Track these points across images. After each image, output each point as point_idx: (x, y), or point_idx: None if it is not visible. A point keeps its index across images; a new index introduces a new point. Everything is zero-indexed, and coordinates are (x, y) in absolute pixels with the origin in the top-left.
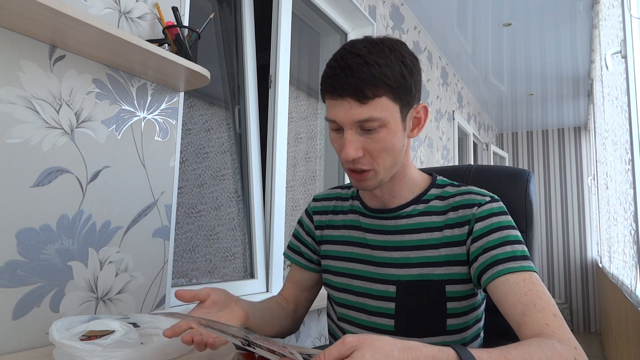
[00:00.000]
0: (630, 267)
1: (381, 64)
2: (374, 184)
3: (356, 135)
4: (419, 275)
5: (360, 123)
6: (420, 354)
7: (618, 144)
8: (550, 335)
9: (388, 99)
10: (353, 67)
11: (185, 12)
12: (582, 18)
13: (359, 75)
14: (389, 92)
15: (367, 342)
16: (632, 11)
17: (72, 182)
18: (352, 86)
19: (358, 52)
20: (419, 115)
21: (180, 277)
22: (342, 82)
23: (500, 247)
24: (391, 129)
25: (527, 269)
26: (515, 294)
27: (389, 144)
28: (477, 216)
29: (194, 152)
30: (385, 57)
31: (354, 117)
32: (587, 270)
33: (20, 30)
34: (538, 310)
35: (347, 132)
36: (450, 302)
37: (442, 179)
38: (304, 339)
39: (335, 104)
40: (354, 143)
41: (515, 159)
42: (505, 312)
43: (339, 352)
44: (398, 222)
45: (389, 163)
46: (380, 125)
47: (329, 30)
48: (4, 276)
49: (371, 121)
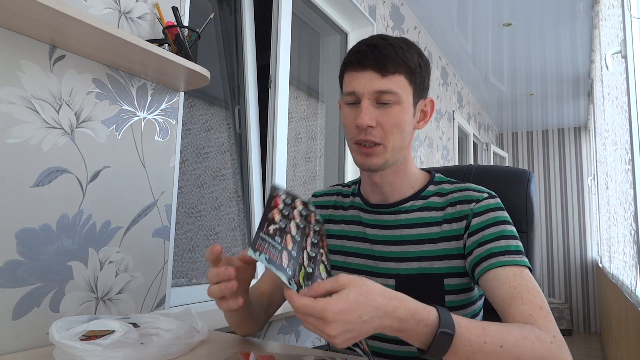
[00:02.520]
0: (630, 267)
1: (404, 49)
2: (380, 162)
3: (372, 107)
4: (418, 269)
5: (378, 94)
6: (403, 305)
7: (618, 144)
8: (533, 324)
9: (405, 79)
10: (379, 45)
11: (185, 12)
12: (582, 18)
13: (384, 52)
14: (407, 73)
15: (357, 284)
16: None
17: (72, 182)
18: (376, 59)
19: (384, 37)
20: (426, 108)
21: (180, 277)
22: (367, 55)
23: (495, 242)
24: (404, 108)
25: (520, 263)
26: (505, 287)
27: (401, 121)
28: (474, 211)
29: (194, 152)
30: (407, 45)
31: (373, 87)
32: (587, 270)
33: (20, 30)
34: (525, 303)
35: (364, 102)
36: (449, 295)
37: (439, 176)
38: (304, 339)
39: (356, 76)
40: (369, 112)
41: (515, 159)
42: (494, 304)
43: (331, 287)
44: (398, 217)
45: (397, 142)
46: (395, 101)
47: (329, 30)
48: (4, 276)
49: (389, 94)
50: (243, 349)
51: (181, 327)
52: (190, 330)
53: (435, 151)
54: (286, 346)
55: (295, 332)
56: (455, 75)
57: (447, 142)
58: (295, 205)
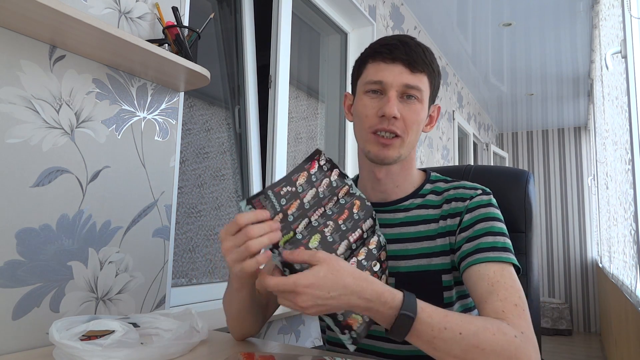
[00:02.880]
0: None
1: (428, 52)
2: (395, 155)
3: (397, 99)
4: (418, 267)
5: (406, 88)
6: (370, 287)
7: (618, 144)
8: (503, 320)
9: (428, 80)
10: (409, 44)
11: (185, 12)
12: (582, 18)
13: (415, 50)
14: (430, 75)
15: (330, 263)
16: (632, 11)
17: (72, 182)
18: (407, 54)
19: (412, 37)
20: (434, 113)
21: (180, 277)
22: (399, 49)
23: (482, 237)
24: (423, 106)
25: (504, 260)
26: (483, 283)
27: (420, 118)
28: (467, 207)
29: (194, 152)
30: (430, 52)
31: (403, 80)
32: (587, 270)
33: (20, 30)
34: (499, 299)
35: (391, 92)
36: (446, 291)
37: (435, 174)
38: (304, 339)
39: (385, 67)
40: (397, 103)
41: (515, 159)
42: (473, 299)
43: (308, 258)
44: (396, 216)
45: (413, 138)
46: (418, 98)
47: (329, 30)
48: (4, 276)
49: (416, 89)
50: (243, 349)
51: (181, 327)
52: (190, 330)
53: (435, 151)
54: (286, 346)
55: (295, 332)
56: (455, 75)
57: (447, 142)
58: (330, 175)
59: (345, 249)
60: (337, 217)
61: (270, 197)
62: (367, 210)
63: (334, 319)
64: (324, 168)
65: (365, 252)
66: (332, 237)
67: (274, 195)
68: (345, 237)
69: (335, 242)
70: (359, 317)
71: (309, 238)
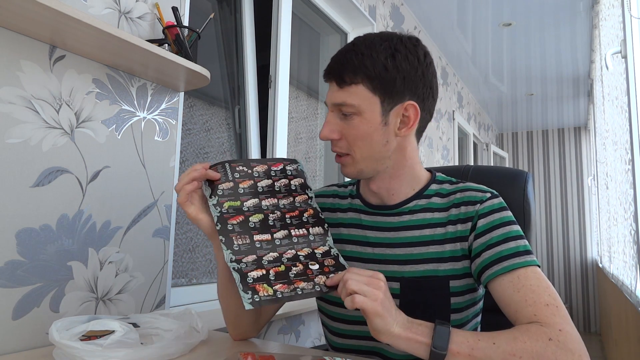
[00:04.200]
0: (630, 267)
1: (364, 54)
2: (353, 171)
3: (337, 118)
4: (424, 272)
5: (337, 106)
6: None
7: (618, 144)
8: (536, 323)
9: (366, 88)
10: (343, 53)
11: (185, 12)
12: (582, 18)
13: (343, 62)
14: (367, 82)
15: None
16: (632, 11)
17: (72, 182)
18: (335, 70)
19: (355, 41)
20: (407, 114)
21: (180, 277)
22: (331, 66)
23: (503, 244)
24: (366, 118)
25: (528, 264)
26: (510, 294)
27: (364, 133)
28: (479, 212)
29: (194, 152)
30: (372, 48)
31: (332, 100)
32: (587, 270)
33: (20, 30)
34: (529, 305)
35: (329, 114)
36: (454, 297)
37: (441, 175)
38: (304, 339)
39: (328, 86)
40: (331, 124)
41: (515, 159)
42: (506, 313)
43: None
44: (400, 219)
45: (366, 153)
46: (354, 112)
47: (329, 30)
48: (4, 276)
49: (345, 106)
50: (243, 349)
51: (181, 327)
52: (190, 330)
53: (435, 151)
54: (286, 346)
55: (295, 332)
56: (455, 75)
57: (447, 142)
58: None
59: (284, 237)
60: (286, 212)
61: (225, 167)
62: (319, 220)
63: (242, 276)
64: (287, 172)
65: (308, 252)
66: (273, 223)
67: (229, 167)
68: (286, 228)
69: (275, 227)
70: (270, 288)
71: (253, 213)
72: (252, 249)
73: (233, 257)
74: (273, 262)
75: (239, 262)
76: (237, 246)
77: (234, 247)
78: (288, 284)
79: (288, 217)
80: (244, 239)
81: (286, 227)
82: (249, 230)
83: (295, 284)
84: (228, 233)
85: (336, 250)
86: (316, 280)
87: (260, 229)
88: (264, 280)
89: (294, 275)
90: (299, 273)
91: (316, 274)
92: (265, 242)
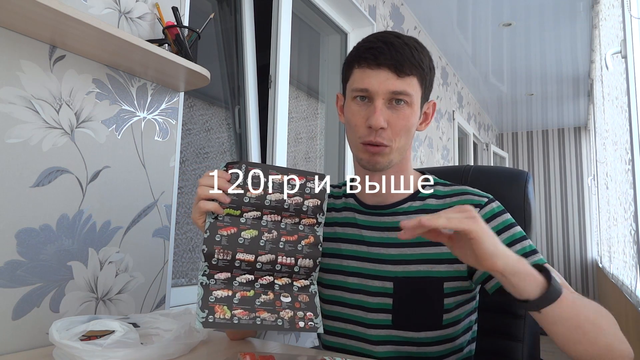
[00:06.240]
0: (630, 267)
1: (418, 50)
2: (385, 162)
3: (384, 107)
4: (418, 272)
5: (393, 95)
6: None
7: (618, 144)
8: None
9: (418, 81)
10: (395, 44)
11: (185, 12)
12: (582, 18)
13: (401, 52)
14: (419, 76)
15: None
16: (632, 11)
17: (72, 182)
18: (393, 58)
19: (397, 35)
20: (429, 110)
21: (180, 277)
22: (384, 53)
23: (511, 247)
24: (414, 110)
25: (538, 263)
26: None
27: (410, 124)
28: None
29: (194, 152)
30: (420, 47)
31: (389, 87)
32: (587, 270)
33: (20, 30)
34: None
35: (378, 101)
36: (447, 297)
37: (433, 177)
38: (304, 339)
39: (370, 73)
40: (383, 113)
41: (515, 159)
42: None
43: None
44: (395, 219)
45: (402, 144)
46: (407, 102)
47: (329, 30)
48: (4, 276)
49: (404, 95)
50: (243, 349)
51: (181, 327)
52: (190, 330)
53: (435, 151)
54: (286, 346)
55: (295, 332)
56: (455, 75)
57: (447, 142)
58: (308, 198)
59: (267, 262)
60: (284, 234)
61: (241, 169)
62: (315, 251)
63: (205, 292)
64: (305, 189)
65: (285, 283)
66: (264, 244)
67: (244, 170)
68: (275, 253)
69: (263, 250)
70: (229, 311)
71: (248, 228)
72: (230, 266)
73: (207, 271)
74: (244, 285)
75: (210, 277)
76: (216, 260)
77: (213, 260)
78: (250, 311)
79: (282, 241)
80: (225, 255)
81: (275, 251)
82: (236, 246)
83: (257, 312)
84: (213, 244)
85: (315, 288)
86: (281, 314)
87: (248, 247)
88: (226, 302)
89: (260, 304)
90: (266, 302)
91: (284, 307)
92: (246, 262)
